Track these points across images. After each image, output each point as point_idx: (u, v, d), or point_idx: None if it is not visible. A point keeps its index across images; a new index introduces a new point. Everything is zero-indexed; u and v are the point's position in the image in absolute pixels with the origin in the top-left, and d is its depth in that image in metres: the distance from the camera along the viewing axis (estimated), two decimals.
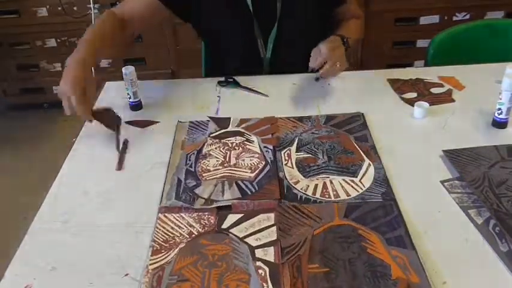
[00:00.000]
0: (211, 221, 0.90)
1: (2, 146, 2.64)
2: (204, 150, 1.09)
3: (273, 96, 1.31)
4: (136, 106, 1.27)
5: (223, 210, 0.92)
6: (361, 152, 1.07)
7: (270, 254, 0.82)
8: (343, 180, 0.99)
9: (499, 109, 1.12)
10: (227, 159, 1.06)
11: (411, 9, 2.62)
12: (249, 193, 0.96)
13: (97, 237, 0.89)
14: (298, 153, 1.07)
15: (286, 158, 1.06)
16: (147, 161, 1.08)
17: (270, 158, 1.06)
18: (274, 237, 0.85)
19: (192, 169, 1.04)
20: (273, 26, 1.36)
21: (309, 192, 0.96)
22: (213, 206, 0.93)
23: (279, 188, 0.97)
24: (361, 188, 0.96)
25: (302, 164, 1.04)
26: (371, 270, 0.78)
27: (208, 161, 1.06)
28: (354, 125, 1.16)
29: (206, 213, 0.92)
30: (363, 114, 1.20)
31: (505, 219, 0.86)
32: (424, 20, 2.65)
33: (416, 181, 0.98)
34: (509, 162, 1.02)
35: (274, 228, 0.87)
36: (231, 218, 0.90)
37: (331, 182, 0.98)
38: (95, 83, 1.11)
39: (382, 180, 0.98)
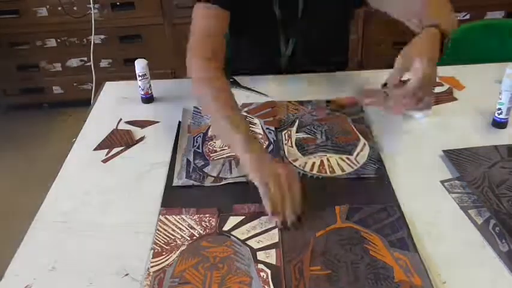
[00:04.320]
0: (213, 223, 0.90)
1: (2, 145, 2.64)
2: (210, 133, 1.13)
3: (273, 96, 1.31)
4: (148, 99, 1.31)
5: (224, 213, 0.92)
6: (358, 133, 1.12)
7: (271, 257, 0.82)
8: (340, 158, 1.04)
9: (499, 109, 1.12)
10: None
11: None
12: None
13: (97, 237, 0.89)
14: (298, 134, 1.12)
15: (287, 138, 1.11)
16: (147, 161, 1.08)
17: (273, 138, 1.11)
18: (276, 240, 0.85)
19: (200, 150, 1.08)
20: (294, 23, 1.33)
21: (307, 169, 1.01)
22: (222, 183, 0.98)
23: None
24: (356, 165, 1.02)
25: (301, 143, 1.09)
26: (373, 272, 0.78)
27: (215, 142, 1.10)
28: (351, 109, 1.20)
29: (207, 215, 0.92)
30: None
31: (505, 219, 0.86)
32: None
33: (416, 181, 0.98)
34: (509, 162, 1.02)
35: (275, 231, 0.87)
36: (232, 220, 0.90)
37: (327, 160, 1.04)
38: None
39: (376, 158, 1.04)
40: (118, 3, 2.60)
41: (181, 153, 1.08)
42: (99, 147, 1.14)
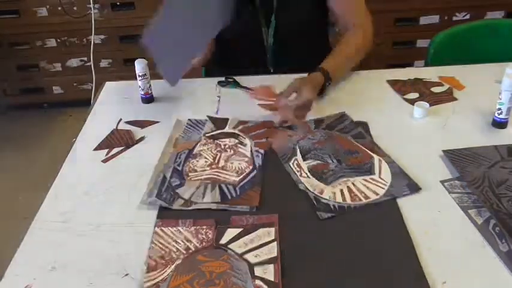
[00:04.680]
0: (209, 235, 0.87)
1: (2, 146, 2.64)
2: (196, 150, 1.09)
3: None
4: (148, 99, 1.30)
5: (222, 225, 0.89)
6: (366, 149, 1.07)
7: (269, 272, 0.79)
8: (364, 180, 0.99)
9: (499, 109, 1.12)
10: (216, 161, 1.06)
11: (411, 9, 2.62)
12: (229, 198, 0.95)
13: (97, 237, 0.89)
14: (307, 162, 1.05)
15: (297, 168, 1.03)
16: (147, 161, 1.08)
17: (259, 163, 1.05)
18: (274, 254, 0.83)
19: (179, 168, 1.04)
20: (271, 15, 1.37)
21: (339, 199, 0.94)
22: (191, 208, 0.93)
23: (260, 195, 0.96)
24: (385, 184, 0.97)
25: (315, 171, 1.02)
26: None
27: (197, 161, 1.06)
28: (344, 125, 1.17)
29: (204, 227, 0.89)
30: (345, 112, 1.21)
31: (505, 219, 0.86)
32: (424, 20, 2.65)
33: (416, 181, 0.98)
34: (509, 162, 1.02)
35: (274, 244, 0.85)
36: (230, 233, 0.87)
37: (353, 185, 0.97)
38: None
39: (400, 173, 1.00)
40: (118, 3, 2.60)
41: (159, 169, 1.04)
42: (99, 147, 1.14)
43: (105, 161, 1.09)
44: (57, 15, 2.58)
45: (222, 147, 1.10)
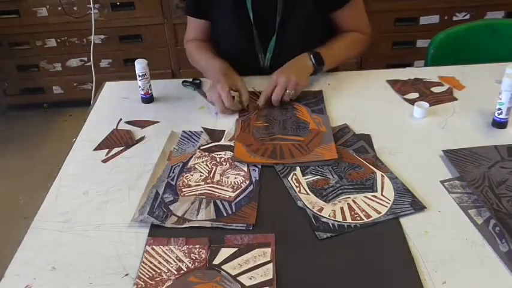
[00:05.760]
0: (202, 255, 0.83)
1: (2, 146, 2.64)
2: (190, 163, 1.06)
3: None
4: (148, 99, 1.30)
5: (215, 244, 0.86)
6: (369, 165, 1.03)
7: None
8: (365, 197, 0.95)
9: (499, 109, 1.12)
10: (211, 175, 1.02)
11: (411, 9, 2.62)
12: (224, 215, 0.92)
13: (97, 237, 0.89)
14: (307, 177, 1.01)
15: (296, 184, 0.99)
16: (147, 160, 1.08)
17: (255, 177, 1.01)
18: (270, 276, 0.79)
19: (173, 182, 1.01)
20: (272, 37, 1.35)
21: (339, 218, 0.91)
22: (184, 226, 0.90)
23: (256, 211, 0.92)
24: (388, 202, 0.93)
25: (316, 188, 0.98)
26: (296, 125, 1.17)
27: (192, 175, 1.03)
28: (346, 138, 1.12)
29: (197, 246, 0.85)
30: (347, 124, 1.17)
31: (505, 219, 0.86)
32: (424, 20, 2.65)
33: (416, 181, 0.98)
34: (509, 162, 1.02)
35: (270, 266, 0.81)
36: (224, 253, 0.84)
37: (354, 202, 0.94)
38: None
39: (403, 190, 0.96)
40: (118, 3, 2.60)
41: (153, 184, 1.01)
42: (99, 147, 1.14)
43: (105, 161, 1.09)
44: (57, 15, 2.59)
45: (218, 160, 1.07)
